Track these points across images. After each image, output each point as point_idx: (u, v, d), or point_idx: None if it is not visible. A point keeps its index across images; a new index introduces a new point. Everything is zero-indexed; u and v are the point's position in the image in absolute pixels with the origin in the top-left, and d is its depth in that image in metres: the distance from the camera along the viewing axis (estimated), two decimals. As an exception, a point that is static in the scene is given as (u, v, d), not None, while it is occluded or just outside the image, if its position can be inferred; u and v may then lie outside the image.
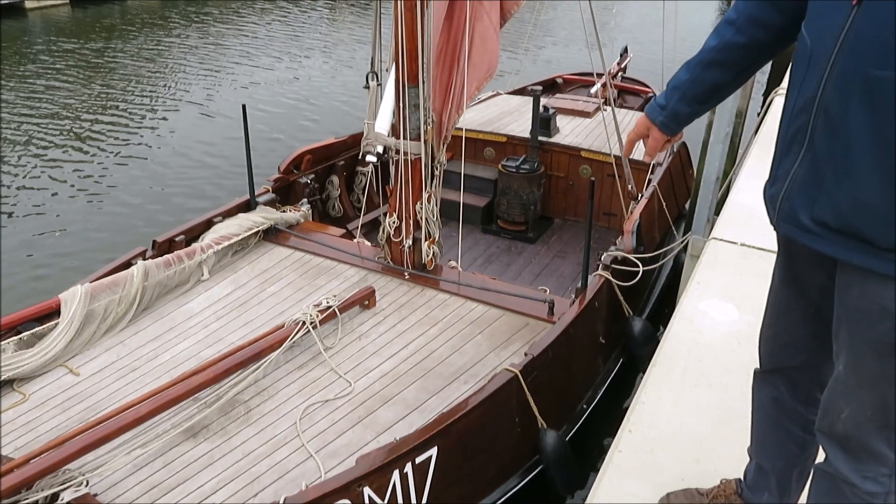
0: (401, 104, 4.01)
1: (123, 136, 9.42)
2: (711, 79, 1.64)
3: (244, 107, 4.61)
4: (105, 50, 14.01)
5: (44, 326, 3.59)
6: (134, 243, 4.56)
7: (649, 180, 5.18)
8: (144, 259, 4.06)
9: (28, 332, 3.55)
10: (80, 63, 13.00)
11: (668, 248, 4.80)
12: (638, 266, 4.14)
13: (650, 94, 7.29)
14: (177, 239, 4.30)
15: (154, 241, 4.25)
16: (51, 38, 14.71)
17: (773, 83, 7.26)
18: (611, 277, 4.05)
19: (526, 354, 3.35)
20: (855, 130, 1.27)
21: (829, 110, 1.31)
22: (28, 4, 16.96)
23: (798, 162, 1.40)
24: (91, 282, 3.79)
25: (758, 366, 1.79)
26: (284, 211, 4.78)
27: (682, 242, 4.61)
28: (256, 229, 4.51)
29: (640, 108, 6.95)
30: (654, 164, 5.35)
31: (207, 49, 14.26)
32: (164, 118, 10.26)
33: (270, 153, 8.17)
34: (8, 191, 7.64)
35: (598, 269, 4.08)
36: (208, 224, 4.50)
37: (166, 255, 4.09)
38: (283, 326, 3.64)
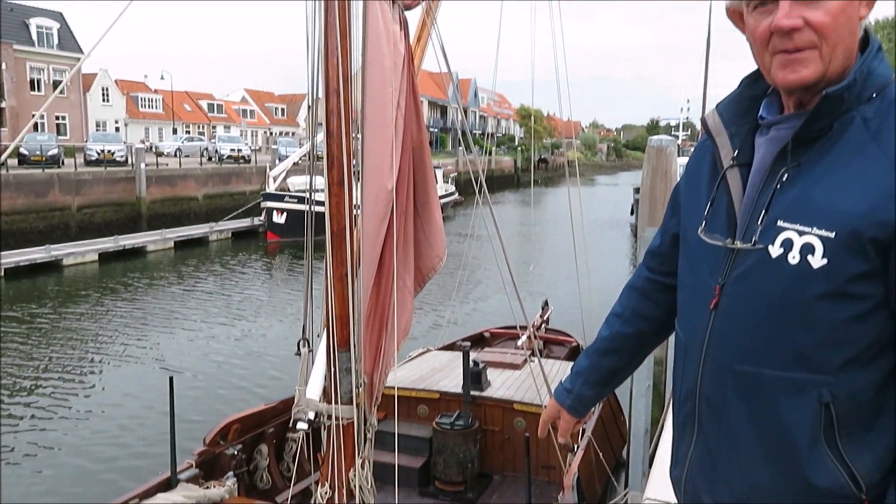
0: (332, 368, 4.05)
1: (64, 399, 9.25)
2: (608, 364, 1.78)
3: (171, 379, 4.54)
4: (47, 314, 14.08)
5: None
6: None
7: (583, 430, 5.21)
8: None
9: None
10: (23, 328, 12.97)
11: (611, 503, 4.69)
12: None
13: (574, 343, 7.62)
14: None
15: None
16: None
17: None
18: None
19: None
20: (735, 417, 1.36)
21: (710, 399, 1.41)
22: (-42, 279, 17.07)
23: (693, 446, 1.47)
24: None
25: None
26: (208, 487, 4.48)
27: (623, 496, 4.53)
28: (175, 511, 4.19)
29: (566, 357, 7.22)
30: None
31: (155, 312, 14.51)
32: (111, 381, 10.19)
33: (223, 408, 8.05)
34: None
35: None
36: (122, 508, 4.17)
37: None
38: None
